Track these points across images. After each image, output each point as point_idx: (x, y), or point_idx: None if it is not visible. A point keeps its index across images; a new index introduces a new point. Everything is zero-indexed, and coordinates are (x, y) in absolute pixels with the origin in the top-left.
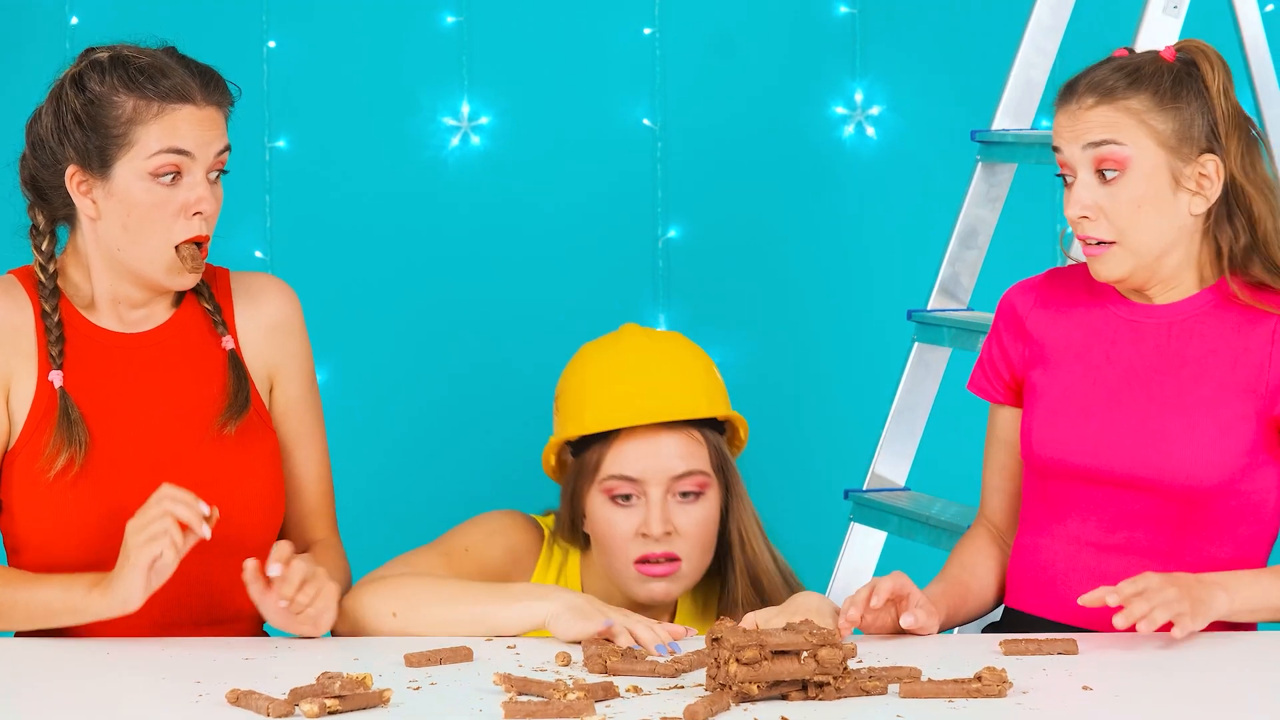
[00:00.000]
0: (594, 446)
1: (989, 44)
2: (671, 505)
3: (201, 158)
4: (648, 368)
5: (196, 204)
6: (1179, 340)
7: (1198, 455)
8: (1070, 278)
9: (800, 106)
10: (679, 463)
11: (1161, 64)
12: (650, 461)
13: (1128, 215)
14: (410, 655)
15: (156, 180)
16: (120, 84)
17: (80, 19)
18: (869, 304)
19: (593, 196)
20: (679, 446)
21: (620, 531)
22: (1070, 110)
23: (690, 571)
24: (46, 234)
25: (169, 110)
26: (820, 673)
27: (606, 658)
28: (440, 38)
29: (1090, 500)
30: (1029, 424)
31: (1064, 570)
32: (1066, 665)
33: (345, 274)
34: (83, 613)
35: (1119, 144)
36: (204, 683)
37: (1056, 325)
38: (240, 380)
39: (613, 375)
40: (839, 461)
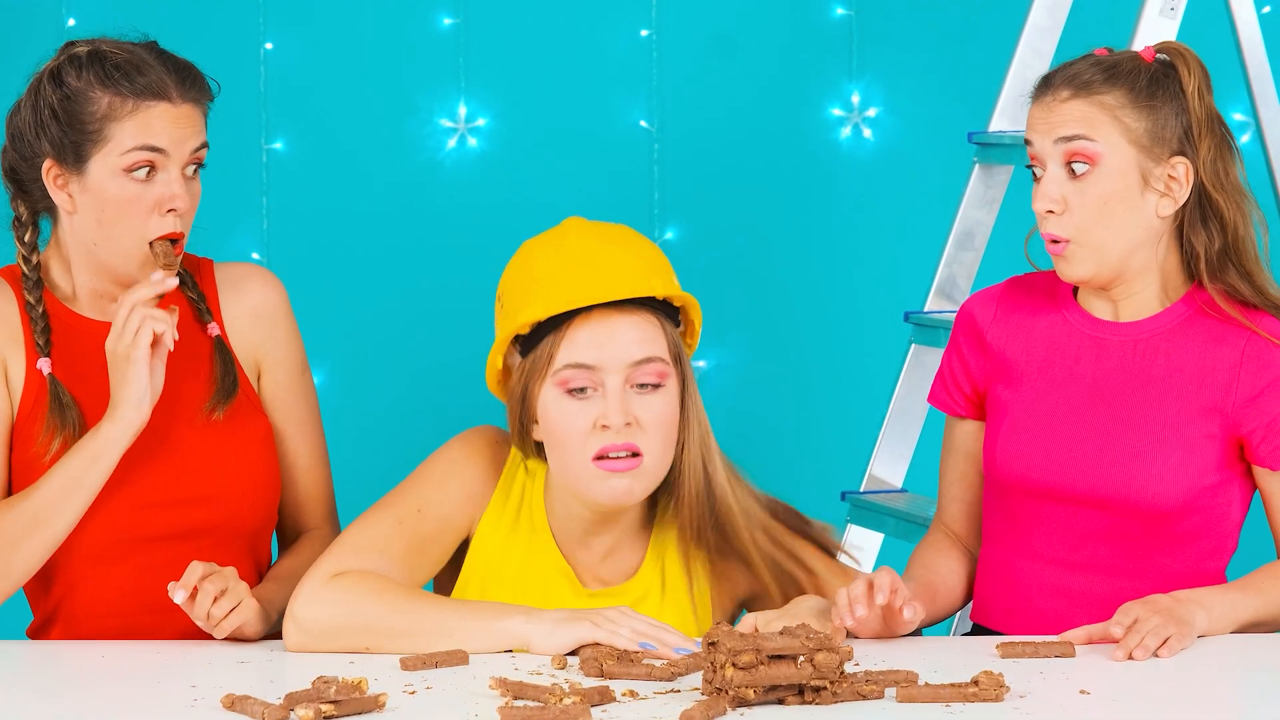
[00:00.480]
0: (545, 339)
1: (986, 45)
2: (630, 397)
3: (176, 155)
4: (598, 250)
5: (170, 200)
6: (1144, 358)
7: (1162, 475)
8: (1031, 287)
9: (797, 108)
10: (637, 348)
11: (1140, 63)
12: (607, 348)
13: (1093, 211)
14: (406, 659)
15: (130, 176)
16: (96, 80)
17: (77, 20)
18: (866, 305)
19: (590, 198)
20: (636, 331)
21: (577, 426)
22: (1045, 102)
23: (652, 468)
24: (29, 225)
25: (144, 107)
26: (817, 677)
27: (602, 661)
28: (437, 39)
29: (1053, 517)
30: (992, 440)
31: (1028, 586)
32: (1063, 669)
33: (342, 275)
34: (102, 452)
35: (1089, 139)
36: (199, 687)
37: (1018, 338)
38: (227, 365)
39: (562, 260)
40: (836, 463)
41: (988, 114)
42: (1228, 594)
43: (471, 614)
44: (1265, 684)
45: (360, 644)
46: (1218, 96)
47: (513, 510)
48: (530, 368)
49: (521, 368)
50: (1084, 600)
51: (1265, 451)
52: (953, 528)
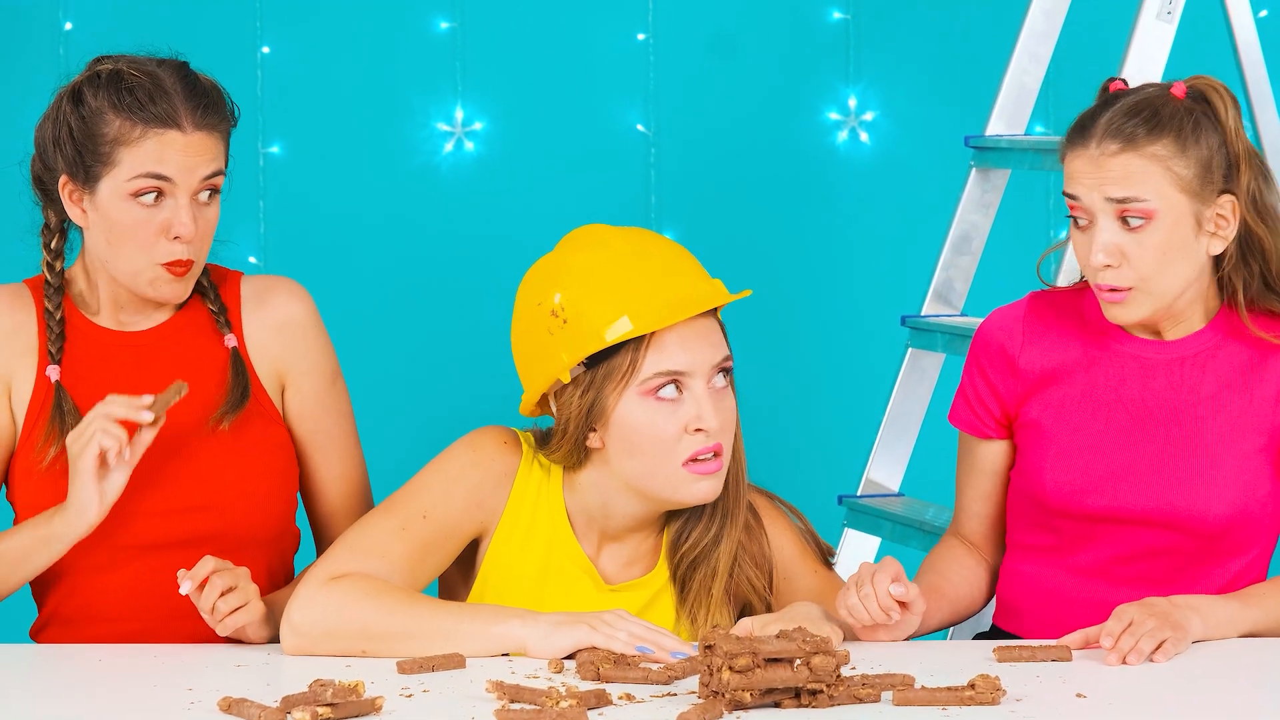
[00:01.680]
0: (625, 348)
1: (983, 50)
2: (715, 397)
3: (184, 183)
4: (671, 258)
5: (176, 228)
6: (1191, 377)
7: (1221, 494)
8: (1057, 305)
9: (794, 112)
10: (716, 351)
11: (1177, 103)
12: (696, 353)
13: (1153, 263)
14: (402, 662)
15: (136, 201)
16: (109, 103)
17: (75, 24)
18: (863, 309)
19: (586, 202)
20: (714, 334)
21: (669, 432)
22: (1090, 155)
23: (727, 464)
24: (56, 231)
25: (152, 135)
26: (813, 680)
27: (599, 665)
28: (434, 43)
29: (1104, 537)
30: (1039, 466)
31: (1071, 599)
32: (1060, 672)
33: (339, 280)
34: (52, 538)
35: (1143, 200)
36: (196, 690)
37: (1053, 360)
38: (239, 377)
39: (640, 270)
40: (832, 467)
41: (984, 118)
42: (1227, 604)
43: (468, 617)
44: (1262, 688)
45: (356, 647)
46: None
47: (529, 511)
48: (604, 378)
49: (589, 379)
50: None
51: None
52: (972, 540)
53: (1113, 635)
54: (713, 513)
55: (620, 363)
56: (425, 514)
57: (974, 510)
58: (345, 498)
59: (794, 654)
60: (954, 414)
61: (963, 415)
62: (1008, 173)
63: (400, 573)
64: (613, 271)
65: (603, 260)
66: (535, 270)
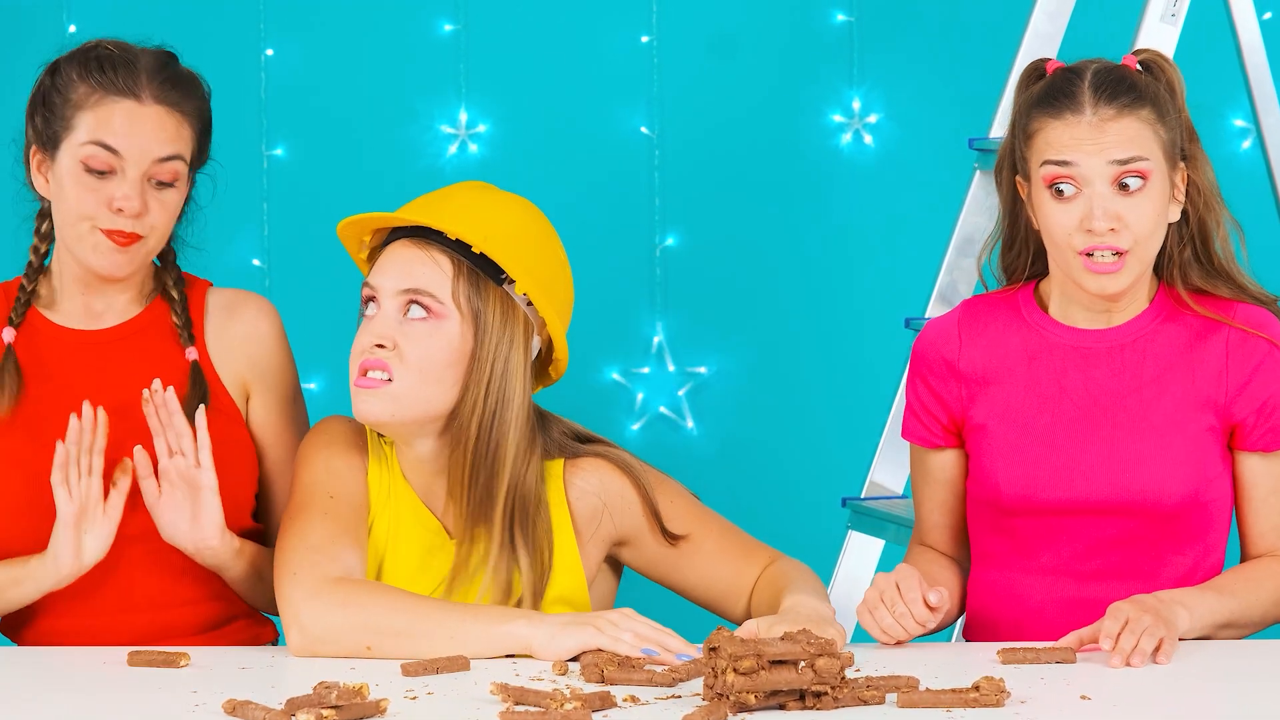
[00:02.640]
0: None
1: (987, 51)
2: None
3: (133, 158)
4: (465, 189)
5: (119, 200)
6: (1133, 362)
7: (1170, 473)
8: (991, 306)
9: (797, 114)
10: (405, 276)
11: (1146, 75)
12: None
13: (1149, 226)
14: (407, 664)
15: (86, 171)
16: (78, 71)
17: (78, 27)
18: (866, 312)
19: (590, 204)
20: (418, 263)
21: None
22: (1086, 121)
23: (400, 390)
24: (48, 215)
25: (108, 101)
26: (818, 682)
27: (603, 667)
28: (437, 46)
29: (1063, 531)
30: (990, 467)
31: (1041, 602)
32: (1064, 674)
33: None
34: (25, 579)
35: (1145, 158)
36: (200, 692)
37: (993, 360)
38: (196, 390)
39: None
40: (836, 469)
41: (988, 120)
42: (1204, 595)
43: (474, 617)
44: (1265, 689)
45: (362, 645)
46: (1219, 103)
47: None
48: None
49: None
50: (1098, 610)
51: (1258, 435)
52: (937, 549)
53: (1111, 636)
54: None
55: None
56: (330, 494)
57: (934, 521)
58: None
59: (799, 656)
60: (905, 429)
61: (913, 428)
62: None
63: (356, 552)
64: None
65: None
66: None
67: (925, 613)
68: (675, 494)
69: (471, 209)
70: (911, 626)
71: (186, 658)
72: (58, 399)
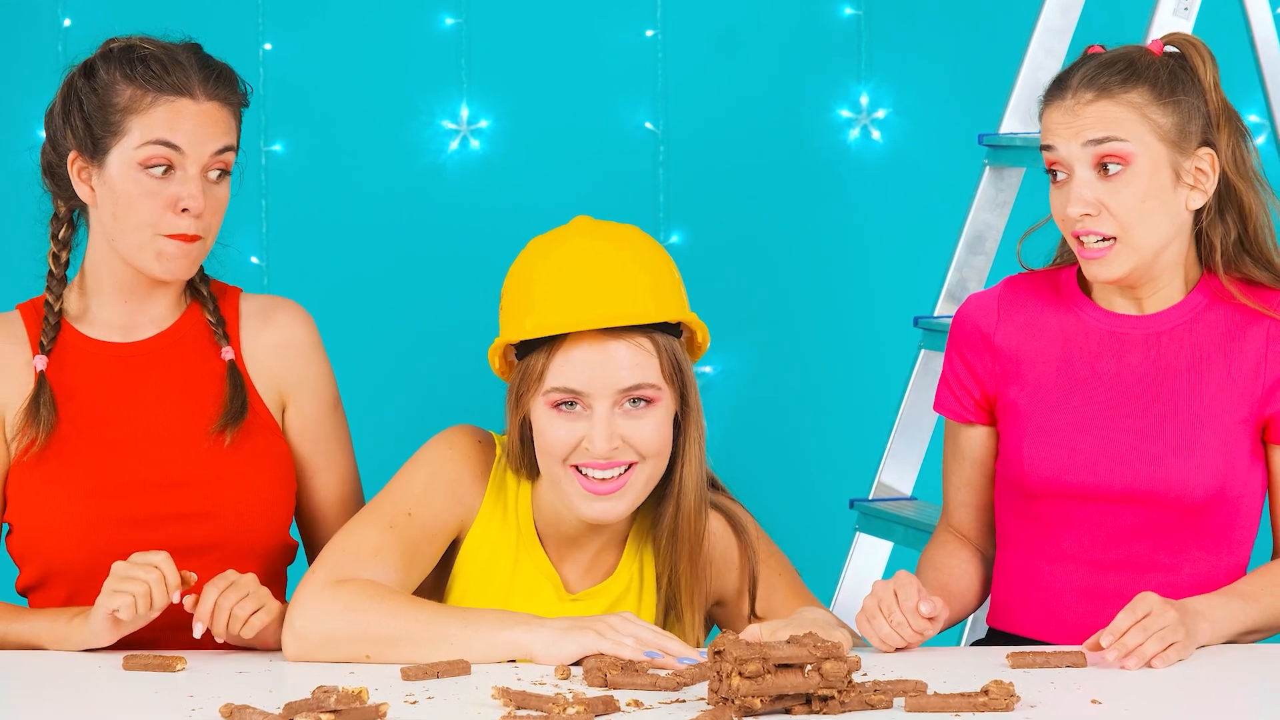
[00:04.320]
0: (539, 353)
1: (997, 46)
2: (618, 418)
3: (194, 154)
4: (597, 267)
5: (185, 200)
6: (1169, 350)
7: (1200, 466)
8: (1033, 285)
9: (805, 110)
10: (627, 374)
11: (1154, 58)
12: (598, 374)
13: (1132, 211)
14: (407, 669)
15: (145, 172)
16: (121, 74)
17: (73, 20)
18: (874, 310)
19: (594, 201)
20: (629, 356)
21: (561, 442)
22: (1065, 106)
23: (637, 486)
24: (65, 221)
25: (163, 101)
26: (824, 686)
27: (606, 671)
28: (439, 40)
29: (1085, 517)
30: (1016, 446)
31: (1059, 590)
32: (1075, 679)
33: (343, 281)
34: (65, 641)
35: (1121, 139)
36: (197, 697)
37: (1029, 338)
38: (237, 389)
39: (560, 274)
40: (844, 470)
41: (999, 116)
42: (1229, 602)
43: (473, 623)
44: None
45: (360, 653)
46: (1232, 97)
47: (501, 513)
48: (521, 379)
49: (515, 376)
50: (1116, 601)
51: None
52: (961, 530)
53: (1118, 631)
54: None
55: (532, 367)
56: (410, 512)
57: (960, 499)
58: (341, 518)
59: (805, 659)
60: (938, 401)
61: (945, 401)
62: (1022, 171)
63: (394, 571)
64: (539, 270)
65: (539, 256)
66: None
67: (922, 622)
68: (779, 571)
69: (633, 275)
70: (909, 635)
71: (183, 661)
72: (94, 417)
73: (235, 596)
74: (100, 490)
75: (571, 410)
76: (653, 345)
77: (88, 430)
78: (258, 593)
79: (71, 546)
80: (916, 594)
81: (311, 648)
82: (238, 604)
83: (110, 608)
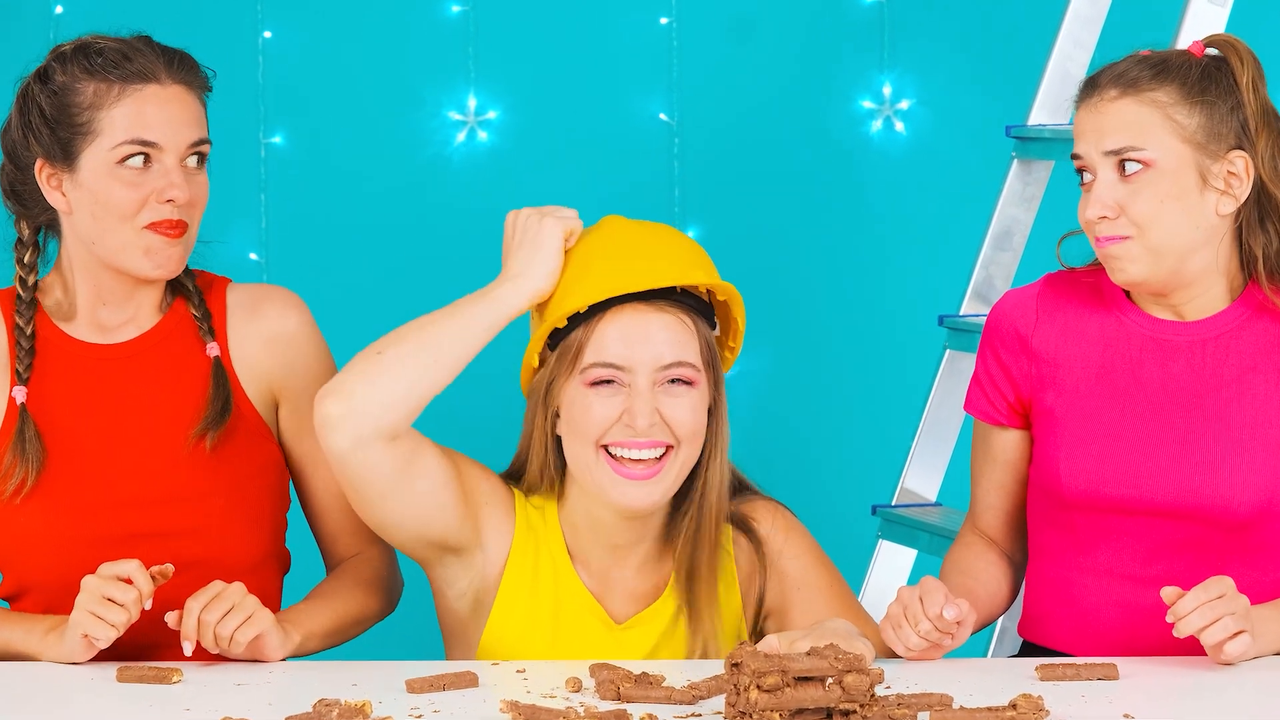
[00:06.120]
0: (574, 333)
1: (1025, 35)
2: (659, 395)
3: (170, 145)
4: (635, 241)
5: (166, 190)
6: (1214, 359)
7: (1246, 481)
8: (1073, 285)
9: (825, 100)
10: (664, 351)
11: (1189, 58)
12: (638, 347)
13: (1149, 211)
14: (412, 681)
15: (123, 167)
16: (81, 71)
17: (65, 8)
18: (898, 309)
19: (606, 195)
20: (668, 331)
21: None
22: (1091, 104)
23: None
24: (30, 245)
25: (131, 91)
26: (846, 700)
27: (619, 684)
28: (445, 28)
29: (1125, 531)
30: (1053, 456)
31: (1096, 604)
32: (1106, 691)
33: (344, 277)
34: (39, 655)
35: (1138, 148)
36: (193, 710)
37: (1068, 341)
38: (220, 389)
39: (599, 251)
40: (866, 475)
41: (1027, 107)
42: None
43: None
44: None
45: (373, 352)
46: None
47: (533, 553)
48: (555, 365)
49: (545, 370)
50: (1156, 617)
51: None
52: (989, 534)
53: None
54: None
55: (568, 348)
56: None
57: (989, 503)
58: (348, 515)
59: (825, 672)
60: (969, 401)
61: (977, 402)
62: (1051, 164)
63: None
64: (576, 254)
65: (578, 247)
66: None
67: (949, 627)
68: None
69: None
70: (937, 640)
71: (179, 673)
72: (74, 428)
73: (220, 610)
74: (79, 509)
75: (609, 387)
76: (692, 325)
77: (67, 443)
78: (244, 603)
79: (49, 564)
80: (942, 599)
81: (349, 410)
82: (223, 619)
83: (86, 631)
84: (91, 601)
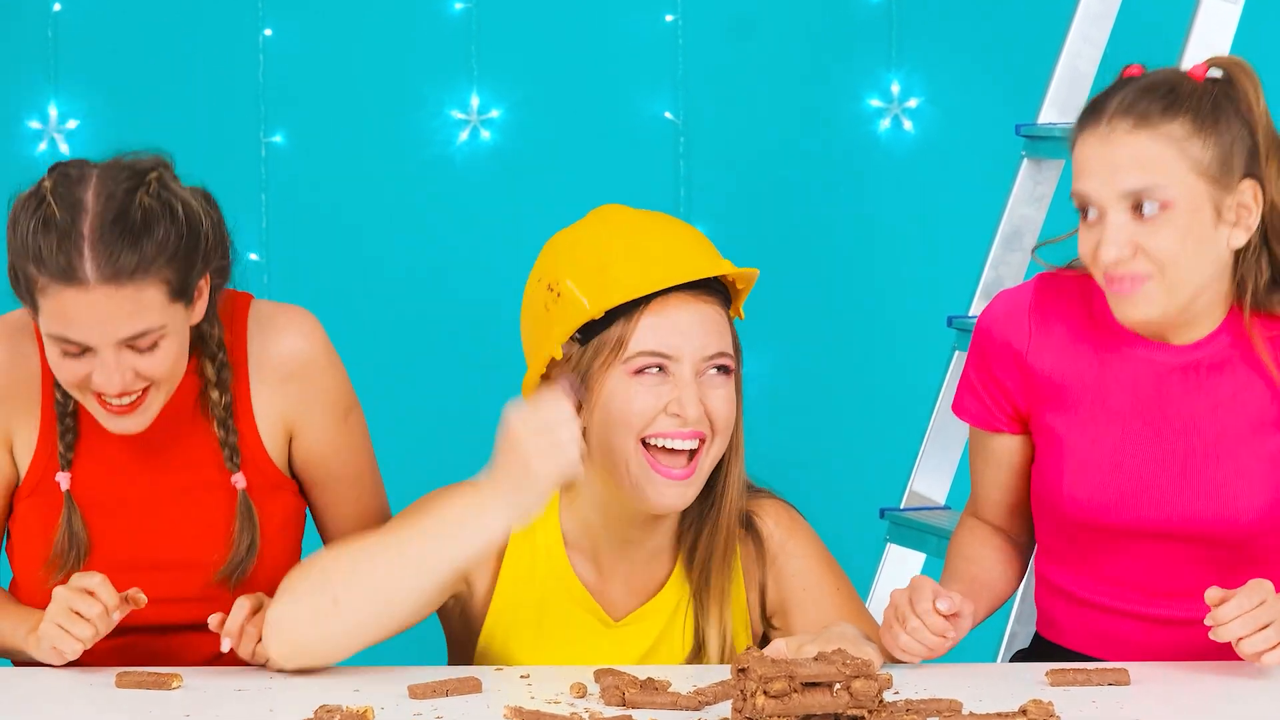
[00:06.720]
0: (615, 324)
1: (1034, 32)
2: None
3: (99, 342)
4: (665, 231)
5: (98, 384)
6: (1208, 380)
7: (1250, 500)
8: (1065, 293)
9: (832, 99)
10: (710, 341)
11: (1196, 84)
12: (686, 336)
13: (1171, 250)
14: (414, 687)
15: (60, 349)
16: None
17: (63, 5)
18: (906, 309)
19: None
20: (712, 323)
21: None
22: (1100, 134)
23: (706, 466)
24: None
25: (52, 289)
26: (854, 706)
27: (624, 690)
28: (448, 25)
29: (1130, 551)
30: (1056, 476)
31: (1108, 609)
32: (1118, 697)
33: (346, 278)
34: (19, 653)
35: (1158, 188)
36: (192, 717)
37: (1066, 361)
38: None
39: (632, 242)
40: (874, 478)
41: (1037, 105)
42: None
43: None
44: None
45: (328, 602)
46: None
47: (529, 555)
48: (592, 354)
49: (580, 356)
50: (1171, 625)
51: None
52: (993, 523)
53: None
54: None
55: (609, 338)
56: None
57: (993, 499)
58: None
59: (833, 678)
60: (959, 406)
61: (971, 409)
62: (1061, 163)
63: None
64: (605, 245)
65: (601, 235)
66: (544, 247)
67: (941, 623)
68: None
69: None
70: (929, 639)
71: (179, 679)
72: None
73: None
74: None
75: (655, 376)
76: (725, 315)
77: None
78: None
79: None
80: (931, 594)
81: (292, 649)
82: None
83: (53, 644)
84: (59, 614)
